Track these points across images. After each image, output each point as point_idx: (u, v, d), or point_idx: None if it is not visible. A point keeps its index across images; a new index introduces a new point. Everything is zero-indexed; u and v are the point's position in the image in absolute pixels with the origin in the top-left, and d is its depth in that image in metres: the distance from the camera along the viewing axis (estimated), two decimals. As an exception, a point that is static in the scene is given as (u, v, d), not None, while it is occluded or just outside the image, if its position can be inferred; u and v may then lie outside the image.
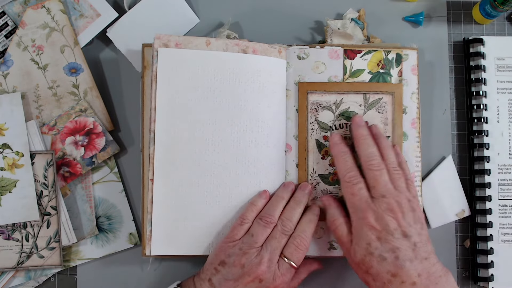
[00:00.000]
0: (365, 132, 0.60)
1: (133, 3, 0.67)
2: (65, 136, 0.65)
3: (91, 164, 0.65)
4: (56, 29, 0.65)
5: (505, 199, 0.66)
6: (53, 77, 0.66)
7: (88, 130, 0.65)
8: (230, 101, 0.61)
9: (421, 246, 0.55)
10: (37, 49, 0.65)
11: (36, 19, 0.66)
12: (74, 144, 0.64)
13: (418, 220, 0.57)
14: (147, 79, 0.64)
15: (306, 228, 0.59)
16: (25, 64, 0.65)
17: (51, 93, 0.65)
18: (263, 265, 0.57)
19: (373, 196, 0.57)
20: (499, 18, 0.70)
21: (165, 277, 0.66)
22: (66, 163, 0.64)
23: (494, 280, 0.65)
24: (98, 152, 0.65)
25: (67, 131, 0.65)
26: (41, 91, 0.65)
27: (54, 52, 0.66)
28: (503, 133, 0.67)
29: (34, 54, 0.65)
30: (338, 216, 0.59)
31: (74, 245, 0.65)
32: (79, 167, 0.64)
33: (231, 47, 0.62)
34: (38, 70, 0.65)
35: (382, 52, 0.64)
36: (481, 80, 0.67)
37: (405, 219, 0.56)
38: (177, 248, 0.60)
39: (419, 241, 0.55)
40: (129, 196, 0.67)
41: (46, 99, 0.66)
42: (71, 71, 0.66)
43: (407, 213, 0.56)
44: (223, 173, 0.61)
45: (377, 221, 0.56)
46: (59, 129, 0.65)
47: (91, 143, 0.65)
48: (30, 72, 0.65)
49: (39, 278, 0.65)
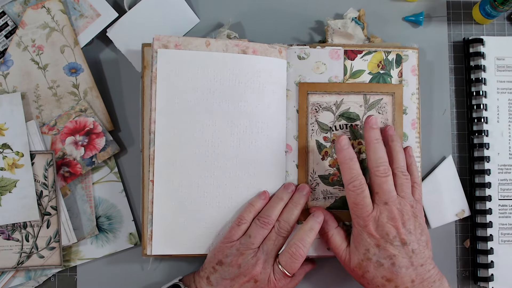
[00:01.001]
0: (377, 135, 0.59)
1: (133, 3, 0.66)
2: (65, 136, 0.64)
3: (91, 164, 0.64)
4: (56, 29, 0.65)
5: (505, 199, 0.66)
6: (53, 77, 0.65)
7: (88, 130, 0.65)
8: (230, 102, 0.61)
9: (418, 253, 0.56)
10: (37, 49, 0.65)
11: (36, 19, 0.66)
12: (74, 144, 0.64)
13: (419, 226, 0.57)
14: (147, 79, 0.64)
15: (305, 237, 0.59)
16: (25, 64, 0.65)
17: (51, 93, 0.65)
18: (258, 266, 0.57)
19: (375, 202, 0.57)
20: (499, 18, 0.70)
21: (165, 277, 0.66)
22: (66, 163, 0.64)
23: (494, 280, 0.65)
24: (98, 152, 0.64)
25: (67, 131, 0.65)
26: (41, 91, 0.65)
27: (54, 52, 0.66)
28: (503, 133, 0.67)
29: (34, 54, 0.65)
30: (329, 228, 0.61)
31: (74, 245, 0.65)
32: (79, 167, 0.64)
33: (231, 47, 0.62)
34: (38, 70, 0.65)
35: (382, 53, 0.64)
36: (481, 80, 0.67)
37: (405, 227, 0.56)
38: (177, 248, 0.60)
39: (417, 248, 0.56)
40: (129, 196, 0.67)
41: (46, 99, 0.65)
42: (71, 71, 0.66)
43: (408, 220, 0.57)
44: (223, 174, 0.61)
45: (377, 229, 0.56)
46: (59, 129, 0.64)
47: (91, 143, 0.64)
48: (30, 72, 0.65)
49: (39, 278, 0.65)
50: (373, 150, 0.59)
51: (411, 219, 0.57)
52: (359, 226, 0.57)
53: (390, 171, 0.58)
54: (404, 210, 0.57)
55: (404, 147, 0.63)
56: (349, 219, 0.63)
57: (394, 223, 0.56)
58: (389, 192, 0.57)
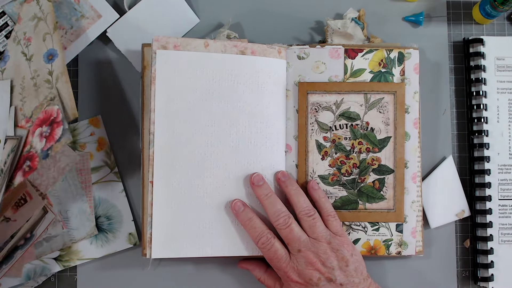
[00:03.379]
0: (266, 190, 0.60)
1: (133, 3, 0.67)
2: (35, 128, 0.59)
3: (46, 157, 0.57)
4: (42, 18, 0.62)
5: (505, 199, 0.66)
6: (35, 67, 0.62)
7: (52, 119, 0.58)
8: (229, 103, 0.61)
9: (348, 283, 0.57)
10: (27, 41, 0.63)
11: (28, 12, 0.64)
12: (40, 136, 0.58)
13: (342, 258, 0.58)
14: (147, 79, 0.64)
15: None
16: (18, 57, 0.63)
17: (32, 83, 0.61)
18: None
19: (290, 252, 0.58)
20: (499, 18, 0.70)
21: (165, 277, 0.66)
22: (30, 157, 0.59)
23: (494, 280, 0.65)
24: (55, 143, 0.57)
25: (38, 122, 0.59)
26: (26, 82, 0.62)
27: (38, 41, 0.62)
28: (503, 133, 0.67)
29: (24, 47, 0.63)
30: (260, 274, 0.63)
31: (74, 245, 0.65)
32: (37, 160, 0.58)
33: (229, 48, 0.62)
34: (26, 62, 0.63)
35: (383, 51, 0.64)
36: (481, 80, 0.67)
37: (326, 266, 0.57)
38: (177, 250, 0.60)
39: (345, 279, 0.58)
40: (129, 196, 0.67)
41: (29, 91, 0.61)
42: (48, 58, 0.61)
43: (327, 259, 0.58)
44: (223, 174, 0.61)
45: (299, 276, 0.58)
46: (33, 121, 0.60)
47: (52, 134, 0.57)
48: (20, 64, 0.63)
49: (39, 278, 0.65)
50: (268, 206, 0.60)
51: (331, 256, 0.58)
52: (283, 277, 0.59)
53: (291, 219, 0.59)
54: (320, 251, 0.58)
55: (308, 182, 0.63)
56: (349, 219, 0.63)
57: (314, 267, 0.57)
58: (298, 239, 0.58)
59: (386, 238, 0.63)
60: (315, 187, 0.62)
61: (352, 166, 0.63)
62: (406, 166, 0.63)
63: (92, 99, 0.68)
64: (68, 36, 0.66)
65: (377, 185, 0.63)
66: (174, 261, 0.66)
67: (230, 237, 0.61)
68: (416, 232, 0.64)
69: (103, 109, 0.68)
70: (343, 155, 0.63)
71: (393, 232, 0.63)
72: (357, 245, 0.63)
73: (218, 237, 0.61)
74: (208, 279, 0.66)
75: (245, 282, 0.67)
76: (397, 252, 0.63)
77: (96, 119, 0.67)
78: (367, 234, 0.63)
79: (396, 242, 0.63)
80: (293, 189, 0.61)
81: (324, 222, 0.60)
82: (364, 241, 0.63)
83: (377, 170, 0.63)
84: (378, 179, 0.63)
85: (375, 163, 0.63)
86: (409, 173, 0.63)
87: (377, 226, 0.63)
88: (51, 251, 0.65)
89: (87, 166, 0.66)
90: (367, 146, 0.63)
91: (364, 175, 0.63)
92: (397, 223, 0.63)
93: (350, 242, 0.60)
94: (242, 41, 0.64)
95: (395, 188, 0.63)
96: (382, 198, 0.63)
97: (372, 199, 0.63)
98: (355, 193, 0.63)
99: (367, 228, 0.63)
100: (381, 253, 0.63)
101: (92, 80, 0.68)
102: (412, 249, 0.64)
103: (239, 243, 0.61)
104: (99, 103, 0.68)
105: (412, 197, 0.63)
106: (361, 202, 0.63)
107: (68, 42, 0.66)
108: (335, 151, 0.63)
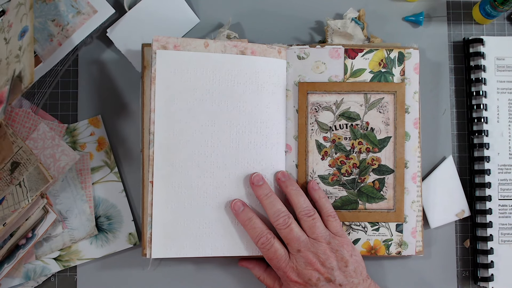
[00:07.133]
0: (266, 190, 0.60)
1: (133, 3, 0.67)
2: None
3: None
4: (22, 3, 0.59)
5: (505, 199, 0.66)
6: (11, 47, 0.59)
7: None
8: (228, 103, 0.61)
9: (347, 284, 0.57)
10: (8, 28, 0.61)
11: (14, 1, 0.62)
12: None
13: (341, 259, 0.58)
14: (147, 79, 0.64)
15: None
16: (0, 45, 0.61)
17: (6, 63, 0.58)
18: None
19: (290, 252, 0.59)
20: (499, 18, 0.70)
21: (165, 277, 0.66)
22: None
23: (494, 280, 0.65)
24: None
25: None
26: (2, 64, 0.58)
27: (16, 24, 0.59)
28: (503, 133, 0.67)
29: (6, 33, 0.61)
30: (260, 273, 0.63)
31: (74, 245, 0.65)
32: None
33: (229, 48, 0.62)
34: (4, 46, 0.60)
35: (384, 51, 0.64)
36: (481, 80, 0.67)
37: (325, 266, 0.57)
38: (177, 250, 0.60)
39: (344, 280, 0.58)
40: (129, 196, 0.67)
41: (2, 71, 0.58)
42: (21, 35, 0.58)
43: (326, 260, 0.58)
44: (223, 174, 0.61)
45: (299, 276, 0.58)
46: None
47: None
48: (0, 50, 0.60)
49: (39, 278, 0.65)
50: (267, 206, 0.60)
51: (330, 257, 0.58)
52: (282, 277, 0.59)
53: (290, 219, 0.59)
54: (320, 251, 0.58)
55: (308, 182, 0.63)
56: (348, 219, 0.63)
57: (313, 267, 0.57)
58: (298, 239, 0.58)
59: (386, 238, 0.63)
60: (315, 187, 0.62)
61: (352, 166, 0.63)
62: (406, 166, 0.63)
63: (92, 99, 0.68)
64: (64, 33, 0.66)
65: (377, 185, 0.63)
66: (174, 261, 0.66)
67: (230, 237, 0.61)
68: (416, 232, 0.64)
69: (103, 109, 0.68)
70: (343, 155, 0.63)
71: (393, 232, 0.63)
72: (357, 245, 0.63)
73: (218, 237, 0.61)
74: (208, 279, 0.66)
75: (245, 282, 0.67)
76: (397, 252, 0.63)
77: (96, 119, 0.67)
78: (367, 234, 0.63)
79: (396, 242, 0.63)
80: (293, 189, 0.61)
81: (324, 222, 0.60)
82: (364, 241, 0.63)
83: (377, 170, 0.63)
84: (378, 179, 0.63)
85: (375, 163, 0.63)
86: (409, 173, 0.63)
87: (377, 226, 0.63)
88: (51, 251, 0.65)
89: (87, 166, 0.66)
90: (367, 146, 0.63)
91: (364, 175, 0.63)
92: (397, 223, 0.63)
93: (350, 242, 0.60)
94: (242, 41, 0.64)
95: (395, 188, 0.63)
96: (382, 198, 0.63)
97: (372, 199, 0.63)
98: (355, 193, 0.63)
99: (367, 228, 0.63)
100: (381, 253, 0.63)
101: (92, 80, 0.68)
102: (412, 249, 0.64)
103: (239, 243, 0.61)
104: (99, 103, 0.68)
105: (412, 197, 0.64)
106: (361, 202, 0.63)
107: (63, 38, 0.66)
108: (335, 151, 0.63)
